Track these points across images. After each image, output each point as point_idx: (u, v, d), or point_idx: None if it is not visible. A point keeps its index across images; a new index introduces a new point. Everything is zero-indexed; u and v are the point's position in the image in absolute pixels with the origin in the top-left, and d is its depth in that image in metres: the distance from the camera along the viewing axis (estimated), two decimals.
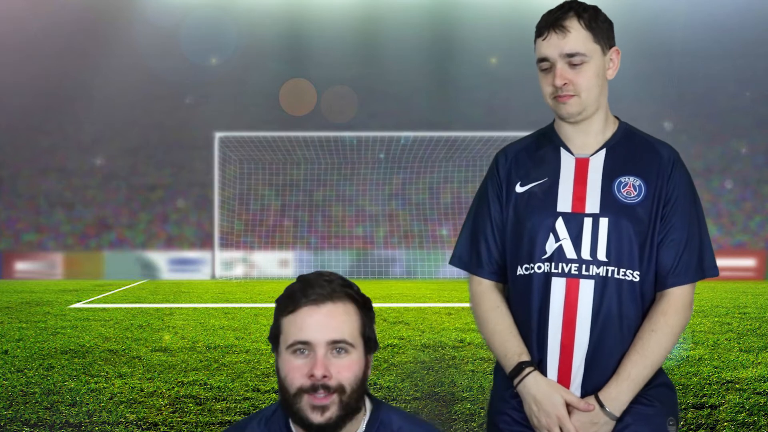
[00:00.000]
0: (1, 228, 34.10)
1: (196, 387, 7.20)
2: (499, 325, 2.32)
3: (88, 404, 6.46)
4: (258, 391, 7.06)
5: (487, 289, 2.38)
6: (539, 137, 2.40)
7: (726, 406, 6.38)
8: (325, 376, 1.82)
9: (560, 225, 2.26)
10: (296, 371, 1.83)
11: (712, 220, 33.33)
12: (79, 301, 17.50)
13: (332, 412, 1.82)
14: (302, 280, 1.94)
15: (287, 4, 51.45)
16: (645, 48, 46.63)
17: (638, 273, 2.24)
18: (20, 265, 30.80)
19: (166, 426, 5.78)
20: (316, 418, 1.81)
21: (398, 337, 10.67)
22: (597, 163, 2.29)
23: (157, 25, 47.95)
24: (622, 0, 51.16)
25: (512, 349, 2.29)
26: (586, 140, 2.31)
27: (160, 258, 31.09)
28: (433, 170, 36.03)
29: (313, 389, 1.81)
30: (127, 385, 7.28)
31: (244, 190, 35.13)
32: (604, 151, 2.30)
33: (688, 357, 9.11)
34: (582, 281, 2.22)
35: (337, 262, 30.55)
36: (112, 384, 7.36)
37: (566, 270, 2.23)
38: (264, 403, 6.54)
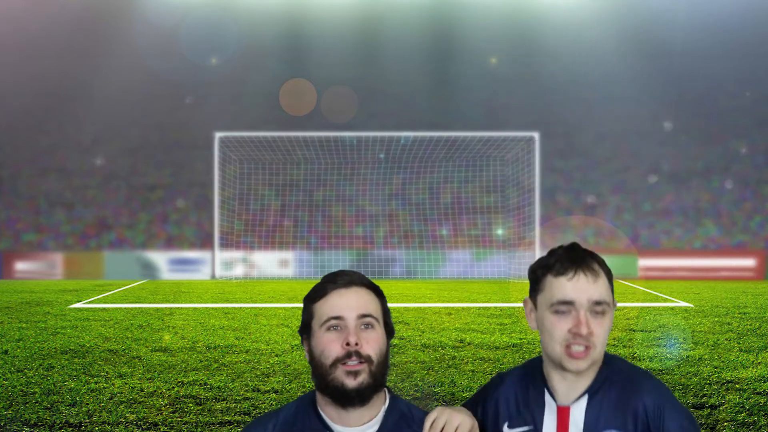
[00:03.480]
0: (1, 228, 34.10)
1: (196, 387, 7.19)
2: None
3: (88, 404, 6.46)
4: (258, 391, 7.05)
5: None
6: (529, 374, 2.25)
7: (726, 406, 6.38)
8: (357, 344, 2.03)
9: None
10: (331, 344, 2.04)
11: (712, 220, 33.34)
12: (79, 301, 17.50)
13: (363, 377, 2.02)
14: (328, 275, 2.16)
15: (287, 4, 51.44)
16: (645, 48, 46.64)
17: None
18: (20, 265, 30.80)
19: (166, 426, 5.77)
20: (350, 382, 2.01)
21: (398, 337, 10.66)
22: (578, 413, 2.14)
23: (157, 25, 47.94)
24: (623, 0, 51.19)
25: None
26: (570, 384, 2.15)
27: (160, 258, 31.09)
28: (433, 170, 36.02)
29: (347, 356, 2.01)
30: (127, 385, 7.27)
31: (244, 190, 35.13)
32: (585, 398, 2.14)
33: (688, 357, 9.11)
34: None
35: (337, 262, 30.54)
36: (112, 384, 7.36)
37: None
38: (264, 403, 6.54)
